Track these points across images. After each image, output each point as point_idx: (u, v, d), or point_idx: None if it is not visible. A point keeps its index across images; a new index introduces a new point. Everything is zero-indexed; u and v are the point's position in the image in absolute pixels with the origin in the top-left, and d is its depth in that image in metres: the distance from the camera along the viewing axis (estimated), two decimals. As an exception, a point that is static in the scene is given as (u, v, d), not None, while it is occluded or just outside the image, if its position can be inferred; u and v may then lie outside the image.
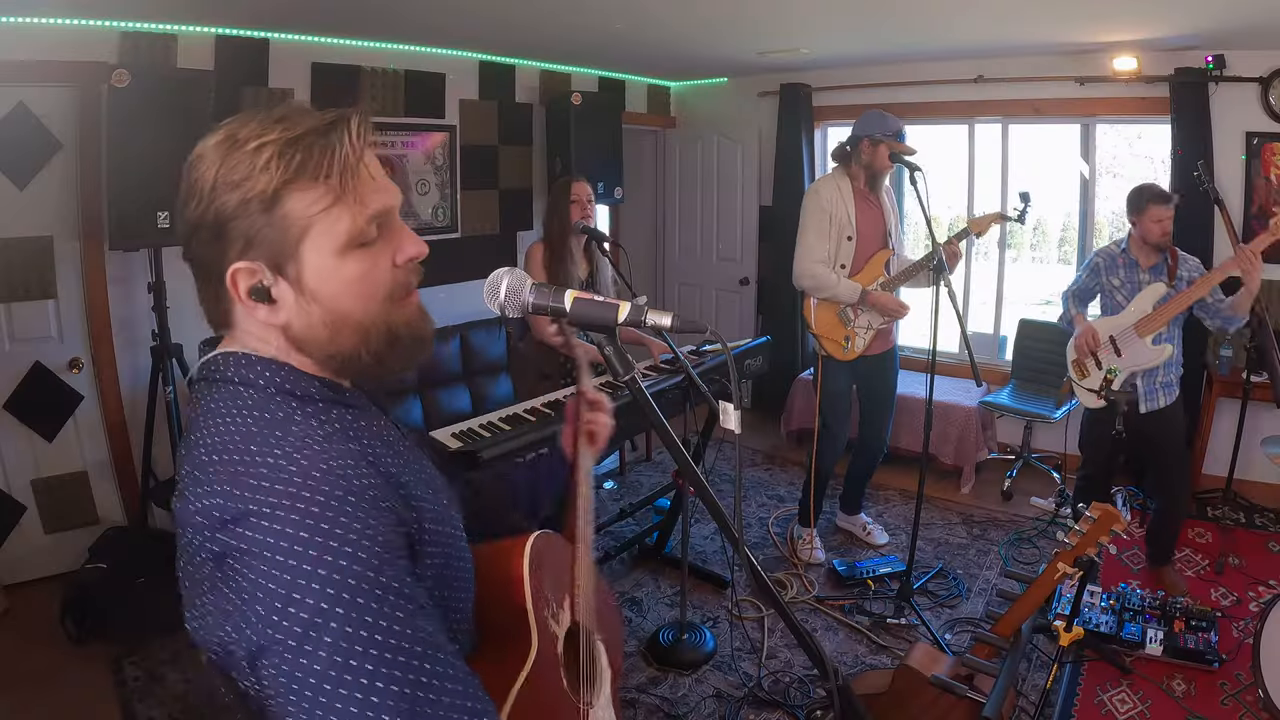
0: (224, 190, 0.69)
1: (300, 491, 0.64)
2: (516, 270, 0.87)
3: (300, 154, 0.70)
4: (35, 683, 2.48)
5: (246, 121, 0.72)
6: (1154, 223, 2.76)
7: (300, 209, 0.70)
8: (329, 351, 0.76)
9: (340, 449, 0.69)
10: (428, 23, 3.38)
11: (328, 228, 0.71)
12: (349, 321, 0.75)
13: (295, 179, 0.70)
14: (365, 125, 0.74)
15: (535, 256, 2.91)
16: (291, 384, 0.74)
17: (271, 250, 0.71)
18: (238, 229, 0.70)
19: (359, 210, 0.72)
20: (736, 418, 1.18)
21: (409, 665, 0.62)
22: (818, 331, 3.15)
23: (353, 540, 0.63)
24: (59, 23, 2.82)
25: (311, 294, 0.73)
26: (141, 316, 3.07)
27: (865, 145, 3.00)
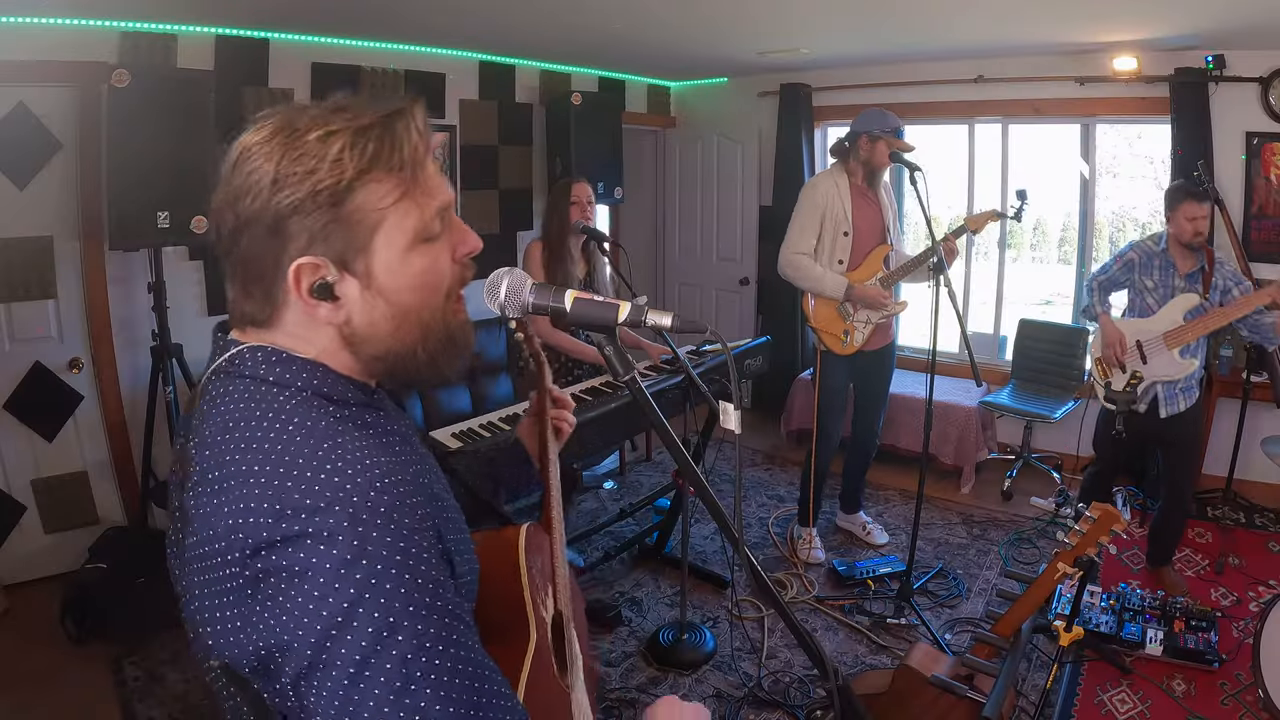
0: (289, 183, 0.65)
1: (359, 514, 0.61)
2: (516, 270, 0.87)
3: (372, 144, 0.67)
4: (35, 683, 2.48)
5: (299, 113, 0.68)
6: (1186, 220, 2.66)
7: (373, 202, 0.67)
8: (385, 348, 0.73)
9: (387, 462, 0.66)
10: (428, 23, 3.38)
11: (398, 221, 0.69)
12: (411, 317, 0.72)
13: (370, 170, 0.67)
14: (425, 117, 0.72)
15: (534, 256, 2.91)
16: (329, 388, 0.71)
17: (340, 245, 0.68)
18: (301, 224, 0.66)
19: (426, 203, 0.71)
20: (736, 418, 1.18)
21: (466, 686, 0.62)
22: (817, 326, 3.16)
23: (410, 566, 0.61)
24: (59, 23, 2.82)
25: (379, 289, 0.70)
26: (141, 316, 3.07)
27: (864, 141, 3.01)
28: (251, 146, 0.67)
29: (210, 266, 3.34)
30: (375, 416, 0.75)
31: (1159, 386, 2.80)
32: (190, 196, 2.78)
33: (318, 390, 0.70)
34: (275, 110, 0.70)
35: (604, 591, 3.11)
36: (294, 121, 0.67)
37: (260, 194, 0.66)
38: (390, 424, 0.77)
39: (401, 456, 0.71)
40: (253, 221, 0.67)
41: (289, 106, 0.70)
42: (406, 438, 0.78)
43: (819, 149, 4.92)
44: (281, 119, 0.68)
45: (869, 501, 3.81)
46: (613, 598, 3.06)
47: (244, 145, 0.68)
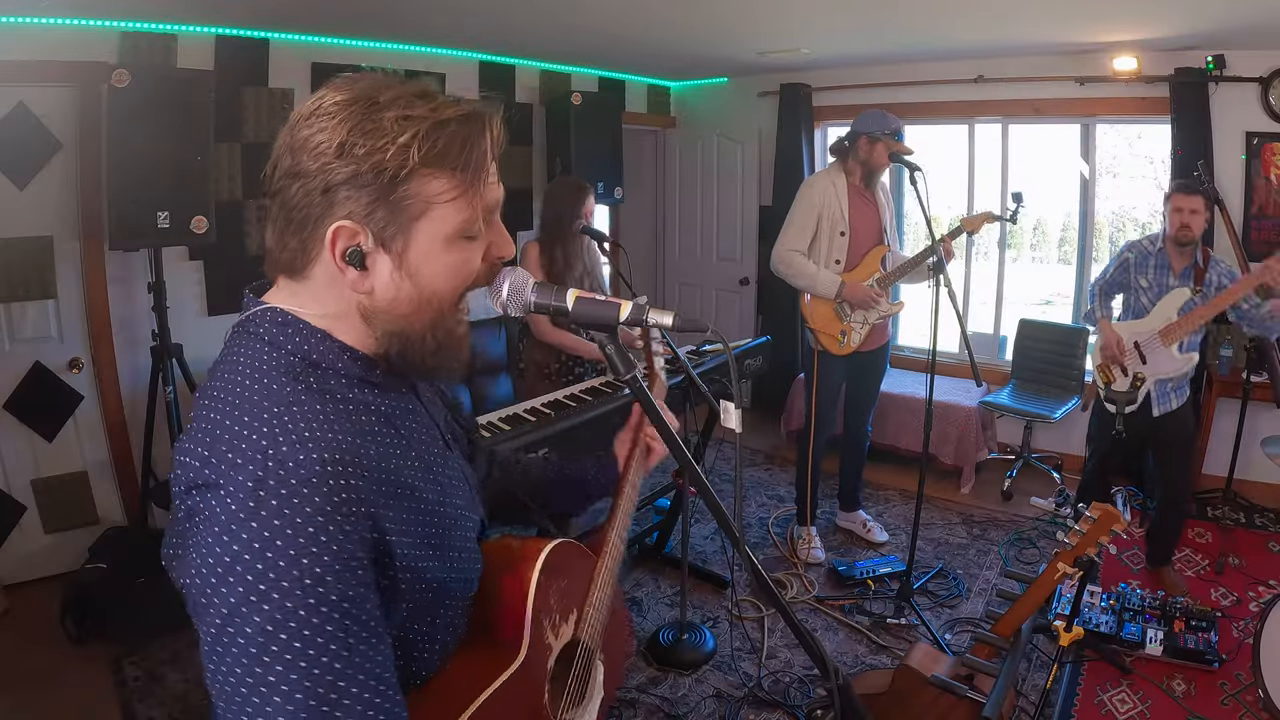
0: (354, 154, 0.67)
1: (267, 479, 0.62)
2: (519, 270, 0.87)
3: (444, 141, 0.69)
4: (35, 683, 2.48)
5: (384, 87, 0.70)
6: (1173, 211, 2.67)
7: (427, 192, 0.70)
8: (400, 326, 0.75)
9: (335, 439, 0.67)
10: (428, 23, 3.38)
11: (446, 215, 0.71)
12: (433, 303, 0.75)
13: (433, 165, 0.69)
14: (504, 124, 0.75)
15: (530, 255, 2.91)
16: (319, 354, 0.73)
17: (383, 222, 0.70)
18: (352, 193, 0.69)
19: (478, 204, 0.73)
20: (737, 417, 1.18)
21: (323, 680, 0.60)
22: (814, 326, 3.16)
23: (300, 543, 0.61)
24: (59, 23, 2.82)
25: (410, 271, 0.72)
26: (141, 316, 3.07)
27: (863, 142, 3.01)
28: (329, 105, 0.69)
29: (210, 266, 3.34)
30: (364, 392, 0.75)
31: (1153, 385, 2.81)
32: (190, 196, 2.78)
33: (306, 356, 0.72)
34: (362, 75, 0.72)
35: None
36: (376, 94, 0.69)
37: (324, 155, 0.68)
38: (381, 402, 0.77)
39: (371, 437, 0.72)
40: (309, 176, 0.69)
41: (377, 75, 0.72)
42: (395, 420, 0.77)
43: (819, 149, 4.92)
44: (366, 86, 0.70)
45: (869, 501, 3.81)
46: (613, 598, 3.06)
47: (321, 100, 0.70)
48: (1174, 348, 2.74)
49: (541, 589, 0.89)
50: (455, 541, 0.81)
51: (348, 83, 0.71)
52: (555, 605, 0.92)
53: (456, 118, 0.71)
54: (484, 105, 0.74)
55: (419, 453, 0.79)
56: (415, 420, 0.82)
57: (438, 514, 0.78)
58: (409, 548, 0.72)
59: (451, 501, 0.81)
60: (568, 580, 0.95)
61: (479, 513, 0.90)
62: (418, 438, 0.80)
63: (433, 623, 0.80)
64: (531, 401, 2.55)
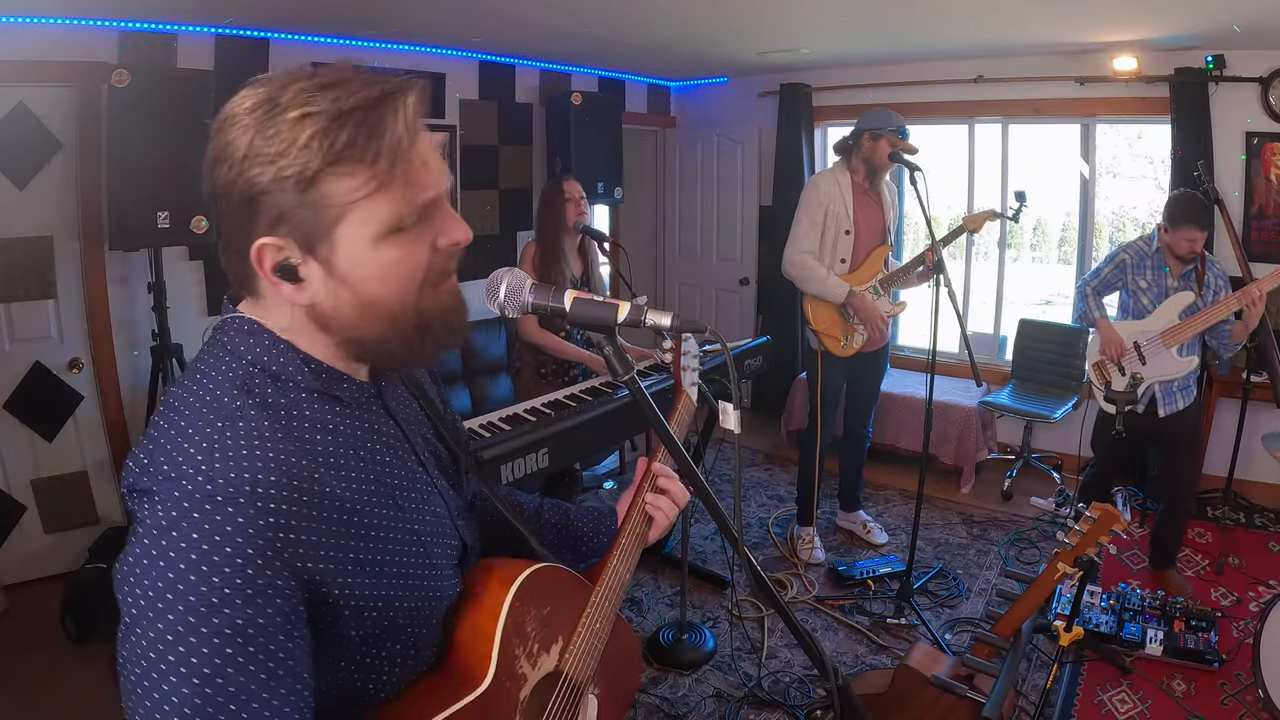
0: (257, 162, 0.64)
1: (195, 494, 0.62)
2: (516, 270, 0.87)
3: (347, 133, 0.64)
4: (35, 683, 2.48)
5: (288, 83, 0.66)
6: (1185, 240, 2.67)
7: (340, 192, 0.65)
8: (352, 335, 0.72)
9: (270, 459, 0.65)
10: (428, 22, 3.38)
11: (368, 215, 0.67)
12: (378, 307, 0.71)
13: (339, 161, 0.64)
14: (421, 103, 0.69)
15: (529, 256, 2.91)
16: (279, 365, 0.71)
17: (304, 230, 0.66)
18: (269, 203, 0.65)
19: (404, 198, 0.68)
20: (736, 417, 1.18)
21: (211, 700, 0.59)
22: (817, 328, 3.16)
23: (213, 563, 0.60)
24: (59, 23, 2.82)
25: (341, 277, 0.69)
26: (141, 316, 3.07)
27: (866, 139, 3.01)
28: (235, 114, 0.66)
29: (210, 266, 3.34)
30: (322, 407, 0.73)
31: (1156, 386, 2.81)
32: (190, 196, 2.77)
33: (266, 367, 0.71)
34: (268, 77, 0.68)
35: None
36: (278, 95, 0.65)
37: (234, 165, 0.65)
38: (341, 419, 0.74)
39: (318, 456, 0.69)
40: (228, 189, 0.67)
41: (285, 74, 0.67)
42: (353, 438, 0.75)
43: (819, 149, 4.92)
44: (269, 90, 0.66)
45: (869, 501, 3.81)
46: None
47: (229, 110, 0.67)
48: (1175, 350, 2.74)
49: (516, 614, 0.84)
50: (412, 566, 0.77)
51: (259, 83, 0.67)
52: (533, 633, 0.87)
53: (360, 105, 0.65)
54: (395, 84, 0.67)
55: (379, 474, 0.76)
56: (380, 439, 0.78)
57: (392, 538, 0.74)
58: (352, 574, 0.69)
59: (413, 525, 0.78)
60: (551, 608, 0.89)
61: (457, 538, 0.87)
62: (380, 457, 0.77)
63: (392, 647, 0.77)
64: (531, 401, 2.55)
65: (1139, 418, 2.80)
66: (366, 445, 0.76)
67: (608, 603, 0.96)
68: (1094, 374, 2.96)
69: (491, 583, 0.86)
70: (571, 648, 0.91)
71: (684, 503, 1.04)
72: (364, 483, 0.73)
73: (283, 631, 0.63)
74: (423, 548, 0.79)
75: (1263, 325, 3.10)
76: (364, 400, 0.78)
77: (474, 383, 4.07)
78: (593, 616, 0.94)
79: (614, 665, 1.00)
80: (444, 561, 0.83)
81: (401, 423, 0.83)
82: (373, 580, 0.71)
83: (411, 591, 0.76)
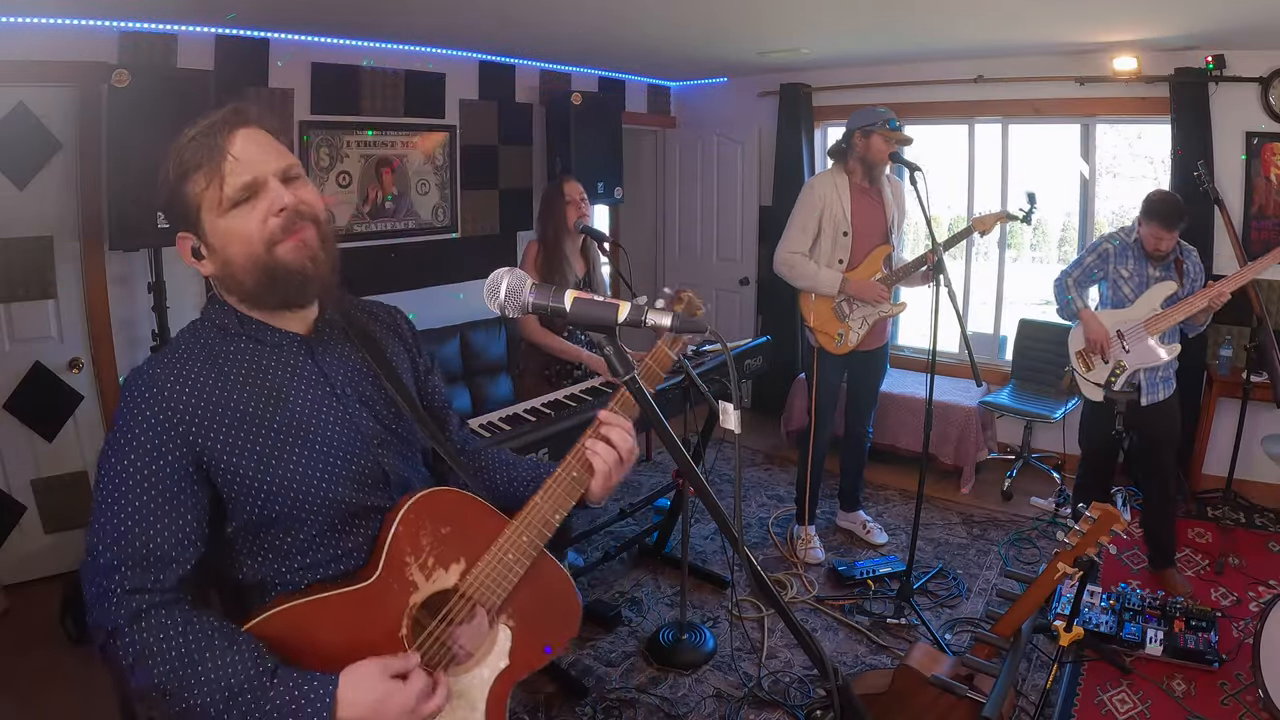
0: (162, 187, 1.00)
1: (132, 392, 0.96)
2: (516, 270, 0.87)
3: (189, 154, 0.97)
4: (35, 683, 2.48)
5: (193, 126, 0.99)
6: (1152, 237, 2.73)
7: (193, 191, 0.97)
8: (238, 289, 1.00)
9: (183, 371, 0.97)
10: (428, 23, 3.38)
11: (211, 201, 0.97)
12: (236, 263, 0.98)
13: (187, 173, 0.97)
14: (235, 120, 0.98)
15: (530, 256, 2.91)
16: (223, 321, 1.03)
17: (188, 221, 0.99)
18: (173, 210, 1.00)
19: (228, 182, 0.96)
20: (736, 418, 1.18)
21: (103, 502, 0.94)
22: (813, 325, 3.17)
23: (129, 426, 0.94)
24: (59, 23, 2.82)
25: (212, 247, 0.99)
26: (141, 316, 3.07)
27: (858, 138, 3.01)
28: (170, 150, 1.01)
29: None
30: (244, 344, 1.03)
31: (1142, 374, 2.83)
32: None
33: (215, 322, 1.03)
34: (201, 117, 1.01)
35: (604, 591, 3.11)
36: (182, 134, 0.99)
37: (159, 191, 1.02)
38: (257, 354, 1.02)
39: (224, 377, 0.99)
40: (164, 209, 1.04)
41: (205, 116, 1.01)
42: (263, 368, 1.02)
43: (819, 149, 4.92)
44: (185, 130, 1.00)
45: (869, 501, 3.81)
46: (613, 598, 3.06)
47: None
48: (1156, 339, 2.78)
49: (409, 524, 0.99)
50: (298, 464, 0.99)
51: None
52: (429, 546, 1.00)
53: (197, 134, 0.97)
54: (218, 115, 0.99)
55: (280, 393, 1.01)
56: (292, 372, 1.03)
57: (278, 439, 0.98)
58: (236, 456, 0.96)
59: (306, 435, 1.00)
60: (452, 529, 1.01)
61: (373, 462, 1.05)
62: (285, 382, 1.02)
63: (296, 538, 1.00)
64: (531, 401, 2.55)
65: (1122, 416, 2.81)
66: (275, 373, 1.02)
67: (524, 537, 1.02)
68: (1077, 362, 2.98)
69: (402, 502, 1.00)
70: (475, 570, 1.01)
71: (629, 454, 1.07)
72: (262, 397, 1.00)
73: (169, 479, 0.93)
74: (312, 453, 1.00)
75: (1262, 325, 3.11)
76: (286, 344, 1.05)
77: (474, 383, 4.07)
78: (503, 547, 1.02)
79: (536, 604, 1.06)
80: (346, 474, 1.02)
81: (320, 363, 1.06)
82: (252, 466, 0.97)
83: (295, 485, 0.98)
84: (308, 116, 3.55)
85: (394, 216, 3.95)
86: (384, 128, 3.83)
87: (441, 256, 4.18)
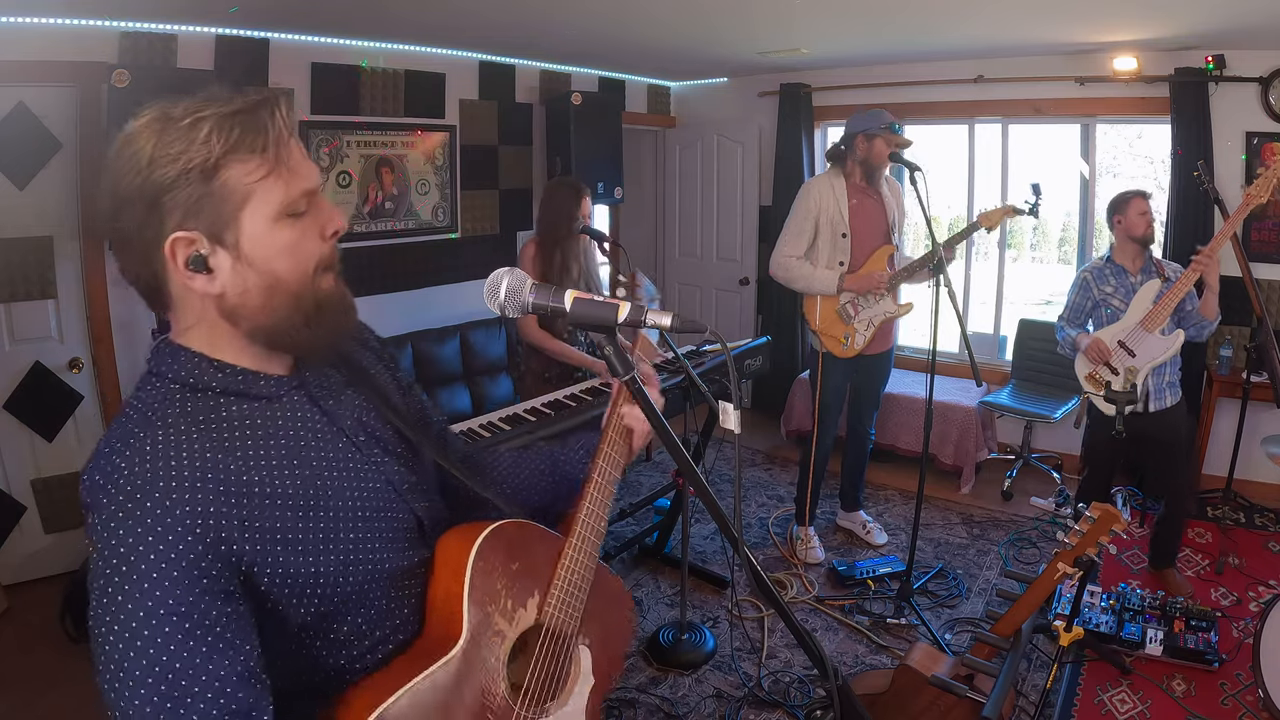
0: (162, 163, 0.72)
1: (125, 502, 0.69)
2: (516, 270, 0.87)
3: (239, 128, 0.73)
4: (35, 683, 2.48)
5: (174, 104, 0.75)
6: (1138, 215, 2.79)
7: (239, 178, 0.73)
8: (260, 320, 0.78)
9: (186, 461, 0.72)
10: (428, 23, 3.38)
11: (265, 197, 0.75)
12: (281, 286, 0.77)
13: (234, 150, 0.73)
14: (290, 107, 0.79)
15: (528, 256, 2.91)
16: (195, 377, 0.78)
17: (211, 219, 0.74)
18: (175, 200, 0.72)
19: (291, 182, 0.76)
20: (736, 418, 1.18)
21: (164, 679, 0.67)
22: (818, 328, 3.15)
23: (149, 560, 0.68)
24: (59, 23, 2.82)
25: (248, 260, 0.75)
26: (141, 316, 3.06)
27: (860, 140, 3.01)
28: (132, 132, 0.74)
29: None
30: (240, 405, 0.80)
31: (1150, 380, 2.82)
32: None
33: (184, 380, 0.78)
34: (154, 104, 0.76)
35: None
36: (169, 111, 0.74)
37: (140, 171, 0.72)
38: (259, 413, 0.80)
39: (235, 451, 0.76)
40: (132, 199, 0.73)
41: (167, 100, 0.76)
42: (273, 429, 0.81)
43: (819, 149, 4.92)
44: (159, 109, 0.74)
45: (869, 501, 3.80)
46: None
47: (125, 133, 0.75)
48: (1157, 332, 2.79)
49: (481, 572, 0.87)
50: (349, 542, 0.81)
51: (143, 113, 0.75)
52: (504, 589, 0.89)
53: (243, 109, 0.74)
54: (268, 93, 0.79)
55: (304, 459, 0.81)
56: (303, 427, 0.83)
57: (321, 517, 0.80)
58: (282, 554, 0.75)
59: (346, 503, 0.83)
60: (521, 562, 0.92)
61: (408, 512, 0.90)
62: (303, 443, 0.82)
63: (353, 622, 0.83)
64: (531, 401, 2.55)
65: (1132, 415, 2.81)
66: (288, 434, 0.82)
67: (584, 555, 0.97)
68: (1089, 386, 2.93)
69: (454, 547, 0.89)
70: (549, 599, 0.93)
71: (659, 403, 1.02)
72: (287, 468, 0.79)
73: (214, 607, 0.70)
74: (361, 523, 0.83)
75: (1263, 325, 3.11)
76: (282, 393, 0.83)
77: (474, 383, 4.07)
78: (569, 569, 0.95)
79: (603, 615, 1.01)
80: (391, 535, 0.87)
81: (326, 409, 0.87)
82: (305, 558, 0.77)
83: (353, 567, 0.81)
84: (308, 116, 3.55)
85: (394, 216, 3.95)
86: (384, 128, 3.84)
87: (441, 256, 4.18)
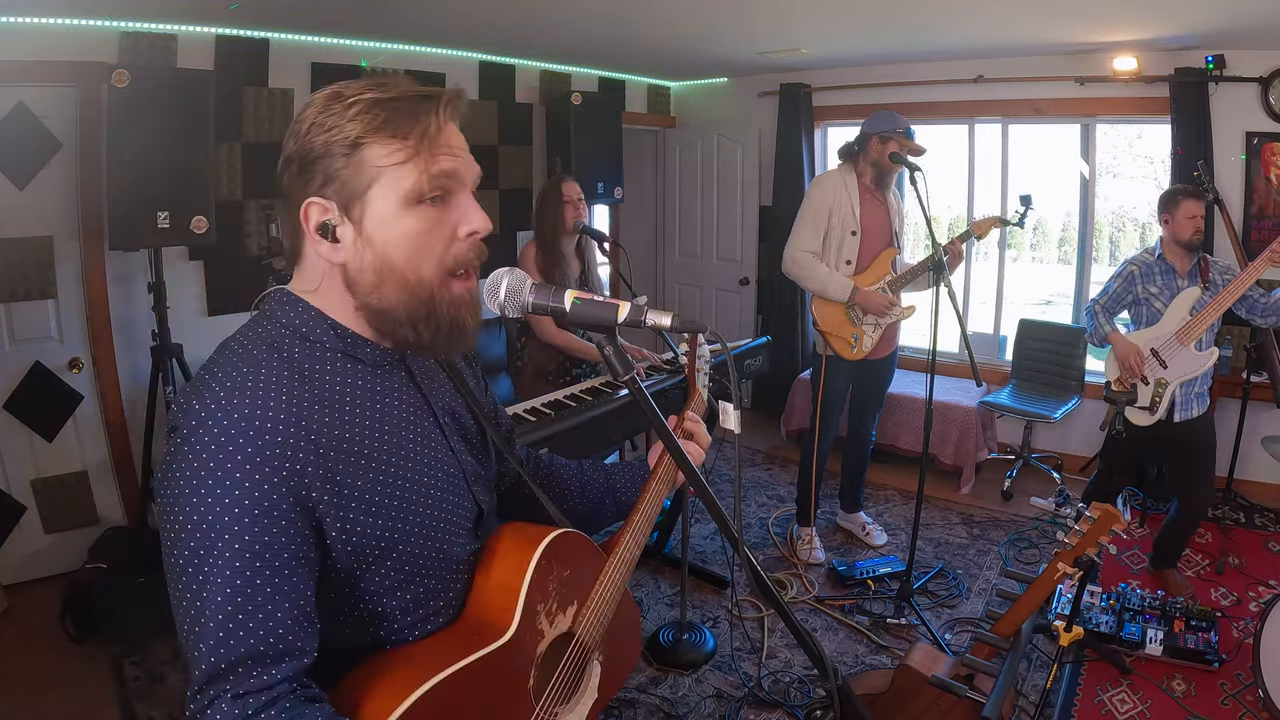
0: (316, 131, 0.78)
1: (213, 427, 0.71)
2: (516, 270, 0.87)
3: (388, 113, 0.78)
4: (35, 683, 2.47)
5: (353, 82, 0.82)
6: (1187, 219, 2.69)
7: (375, 157, 0.78)
8: (370, 300, 0.81)
9: (283, 402, 0.75)
10: (428, 22, 3.38)
11: (395, 179, 0.78)
12: (395, 274, 0.80)
13: (377, 132, 0.78)
14: (455, 104, 0.83)
15: (528, 256, 2.91)
16: (309, 327, 0.82)
17: (344, 191, 0.79)
18: (320, 166, 0.78)
19: (427, 169, 0.79)
20: (736, 418, 1.18)
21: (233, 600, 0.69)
22: (825, 329, 3.12)
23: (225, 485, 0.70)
24: (59, 23, 2.82)
25: (368, 238, 0.79)
26: (141, 316, 3.07)
27: (874, 142, 2.99)
28: (310, 102, 0.81)
29: (210, 266, 3.34)
30: (346, 365, 0.83)
31: (1177, 391, 2.76)
32: (190, 196, 2.78)
33: (297, 329, 0.82)
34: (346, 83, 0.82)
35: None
36: (344, 91, 0.80)
37: (299, 137, 0.80)
38: (362, 377, 0.84)
39: (332, 406, 0.79)
40: (291, 159, 0.80)
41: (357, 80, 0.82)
42: (373, 394, 0.84)
43: (819, 149, 4.92)
44: (337, 87, 0.81)
45: (869, 501, 3.80)
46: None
47: (310, 99, 0.82)
48: (1192, 346, 2.71)
49: (541, 572, 0.90)
50: (418, 514, 0.84)
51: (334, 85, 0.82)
52: (554, 592, 0.93)
53: (404, 95, 0.79)
54: (438, 90, 0.82)
55: (393, 426, 0.84)
56: (398, 397, 0.87)
57: (398, 485, 0.82)
58: (354, 511, 0.78)
59: (423, 478, 0.85)
60: (571, 571, 0.95)
61: (471, 501, 0.93)
62: (395, 413, 0.85)
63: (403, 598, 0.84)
64: (532, 401, 2.55)
65: (1156, 425, 2.78)
66: (384, 400, 0.85)
67: (619, 575, 1.01)
68: (1118, 387, 2.87)
69: (517, 541, 0.93)
70: (585, 611, 0.97)
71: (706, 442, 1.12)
72: (377, 432, 0.82)
73: (288, 544, 0.72)
74: (433, 503, 0.86)
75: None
76: (387, 362, 0.87)
77: (474, 383, 4.07)
78: (605, 585, 0.99)
79: (618, 636, 1.04)
80: (455, 520, 0.90)
81: (423, 388, 0.91)
82: (376, 521, 0.80)
83: (416, 540, 0.84)
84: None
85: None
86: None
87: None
